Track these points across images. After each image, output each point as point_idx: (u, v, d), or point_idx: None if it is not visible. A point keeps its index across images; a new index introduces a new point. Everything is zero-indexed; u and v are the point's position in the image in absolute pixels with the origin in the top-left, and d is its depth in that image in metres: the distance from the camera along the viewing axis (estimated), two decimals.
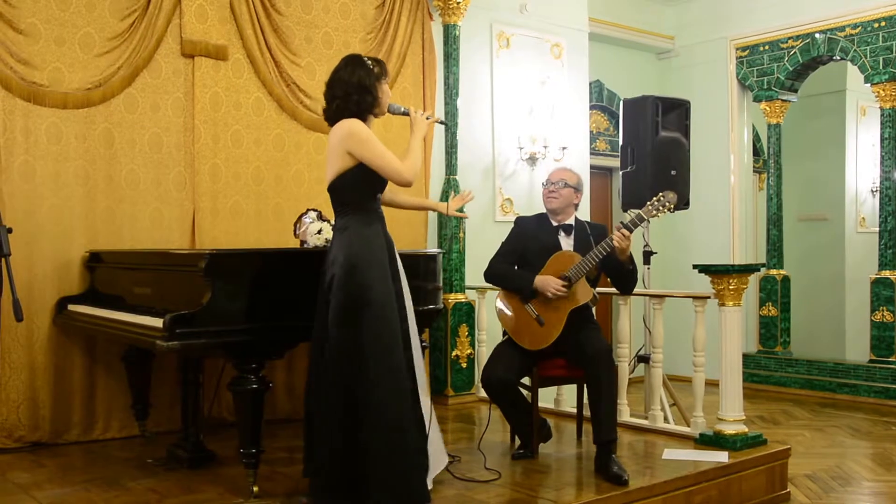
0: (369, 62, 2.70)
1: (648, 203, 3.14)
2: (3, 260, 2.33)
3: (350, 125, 2.60)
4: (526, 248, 3.29)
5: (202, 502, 2.77)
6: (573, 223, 3.33)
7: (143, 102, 3.81)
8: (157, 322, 2.68)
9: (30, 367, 3.53)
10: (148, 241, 3.79)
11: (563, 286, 3.11)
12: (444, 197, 4.74)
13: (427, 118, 2.77)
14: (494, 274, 3.30)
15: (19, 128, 3.51)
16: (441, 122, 3.02)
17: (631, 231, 3.06)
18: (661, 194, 3.12)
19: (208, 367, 3.32)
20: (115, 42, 3.72)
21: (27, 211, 3.52)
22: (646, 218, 3.11)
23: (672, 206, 3.09)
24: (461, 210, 3.19)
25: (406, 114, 2.80)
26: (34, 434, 3.53)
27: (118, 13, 3.74)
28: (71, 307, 3.54)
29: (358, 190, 2.65)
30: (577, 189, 3.32)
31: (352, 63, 2.69)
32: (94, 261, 3.63)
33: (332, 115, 2.69)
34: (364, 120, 2.67)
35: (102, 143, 3.71)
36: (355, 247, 2.61)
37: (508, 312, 3.26)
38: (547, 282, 3.13)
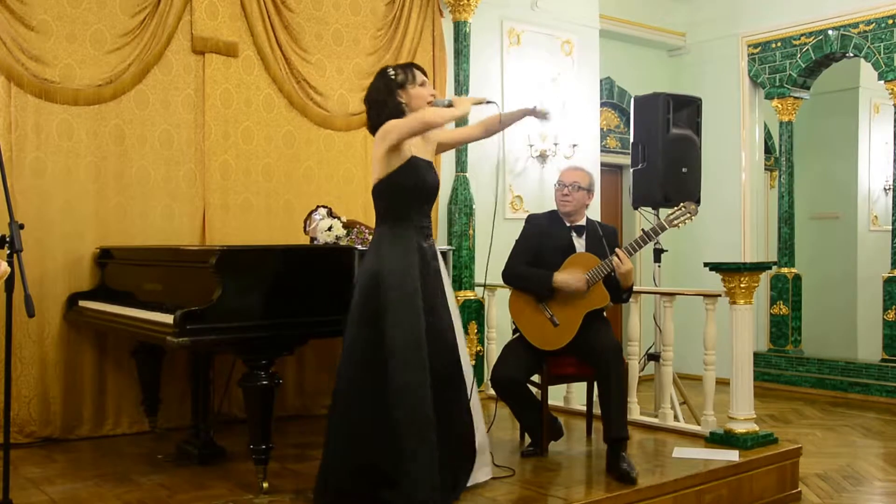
0: (392, 72, 2.71)
1: (669, 213, 3.12)
2: (14, 256, 2.33)
3: (382, 128, 2.64)
4: (540, 247, 3.27)
5: (212, 498, 2.78)
6: (585, 224, 3.32)
7: (153, 99, 3.82)
8: (168, 318, 2.69)
9: (41, 363, 3.54)
10: (158, 237, 3.80)
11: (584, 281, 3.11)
12: (455, 195, 4.73)
13: (473, 103, 2.75)
14: (513, 276, 3.28)
15: (31, 124, 3.52)
16: (488, 102, 2.84)
17: (632, 253, 3.08)
18: (682, 205, 3.10)
19: (218, 364, 3.33)
20: (126, 39, 3.73)
21: (38, 207, 3.53)
22: (667, 227, 3.10)
23: (693, 217, 3.08)
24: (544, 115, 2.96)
25: (450, 105, 2.77)
26: (45, 429, 3.55)
27: (129, 10, 3.74)
28: (81, 303, 3.55)
29: (388, 198, 2.67)
30: (590, 190, 3.32)
31: (376, 77, 2.74)
32: (105, 257, 3.65)
33: (369, 128, 2.74)
34: None
35: (113, 139, 3.72)
36: (381, 253, 2.63)
37: (521, 311, 3.25)
38: (569, 279, 3.11)
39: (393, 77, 2.69)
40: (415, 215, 2.67)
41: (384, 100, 2.68)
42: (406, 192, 2.64)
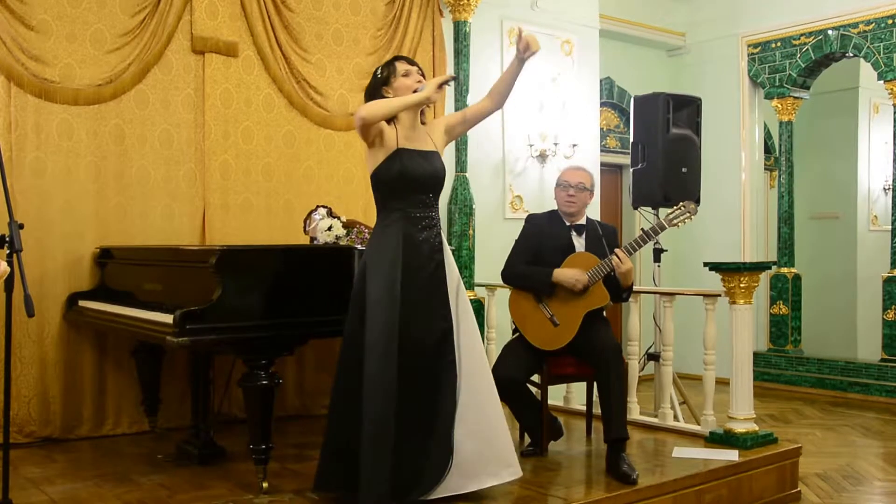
0: (378, 71, 2.77)
1: (669, 212, 3.12)
2: (14, 255, 2.33)
3: None
4: (540, 246, 3.27)
5: (212, 498, 2.78)
6: (585, 223, 3.33)
7: (153, 99, 3.82)
8: (168, 318, 2.69)
9: (40, 363, 3.54)
10: (158, 236, 3.80)
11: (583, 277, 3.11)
12: (455, 195, 4.73)
13: (439, 85, 2.71)
14: (513, 275, 3.28)
15: (31, 124, 3.52)
16: (452, 78, 2.81)
17: (632, 253, 3.08)
18: (682, 204, 3.11)
19: (218, 363, 3.33)
20: (126, 38, 3.73)
21: (38, 207, 3.53)
22: (666, 227, 3.10)
23: (693, 217, 3.08)
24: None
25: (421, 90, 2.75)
26: (45, 429, 3.55)
27: (129, 10, 3.74)
28: (81, 303, 3.55)
29: (379, 190, 2.72)
30: (592, 191, 3.34)
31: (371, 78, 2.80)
32: (105, 257, 3.65)
33: None
34: (390, 122, 2.70)
35: (113, 139, 3.72)
36: (370, 247, 2.71)
37: (521, 311, 3.25)
38: (569, 274, 3.11)
39: (378, 76, 2.75)
40: (404, 206, 2.66)
41: (369, 100, 2.74)
42: (391, 183, 2.66)
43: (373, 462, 2.47)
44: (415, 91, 2.68)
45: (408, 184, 2.65)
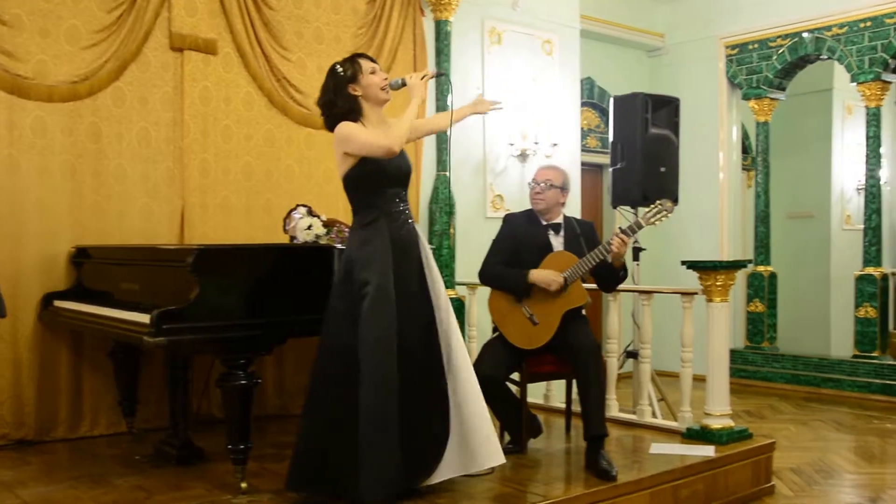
0: (339, 69, 2.72)
1: (646, 211, 3.16)
2: None
3: (337, 130, 2.68)
4: (518, 246, 3.29)
5: (190, 499, 2.76)
6: (562, 222, 3.34)
7: (130, 96, 3.77)
8: (145, 318, 2.66)
9: (14, 364, 3.49)
10: (136, 236, 3.76)
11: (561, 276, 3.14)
12: (436, 194, 4.73)
13: (422, 78, 2.73)
14: (490, 275, 3.30)
15: (3, 121, 3.46)
16: (438, 75, 2.87)
17: (630, 237, 3.09)
18: (658, 202, 3.14)
19: (197, 363, 3.30)
20: (102, 35, 3.68)
21: (12, 206, 3.47)
22: (644, 225, 3.13)
23: (669, 215, 3.12)
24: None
25: (405, 84, 2.76)
26: (19, 431, 3.49)
27: (105, 5, 3.69)
28: (57, 303, 3.50)
29: (359, 189, 2.72)
30: (564, 189, 3.32)
31: (326, 76, 2.76)
32: (81, 256, 3.60)
33: (327, 128, 2.78)
34: (357, 119, 2.70)
35: (89, 137, 3.67)
36: (354, 246, 2.70)
37: (501, 310, 3.26)
38: (545, 275, 3.14)
39: (342, 74, 2.71)
40: (382, 203, 2.69)
41: (333, 99, 2.71)
42: (366, 182, 2.68)
43: (376, 460, 2.50)
44: (383, 88, 2.71)
45: (381, 180, 2.68)
